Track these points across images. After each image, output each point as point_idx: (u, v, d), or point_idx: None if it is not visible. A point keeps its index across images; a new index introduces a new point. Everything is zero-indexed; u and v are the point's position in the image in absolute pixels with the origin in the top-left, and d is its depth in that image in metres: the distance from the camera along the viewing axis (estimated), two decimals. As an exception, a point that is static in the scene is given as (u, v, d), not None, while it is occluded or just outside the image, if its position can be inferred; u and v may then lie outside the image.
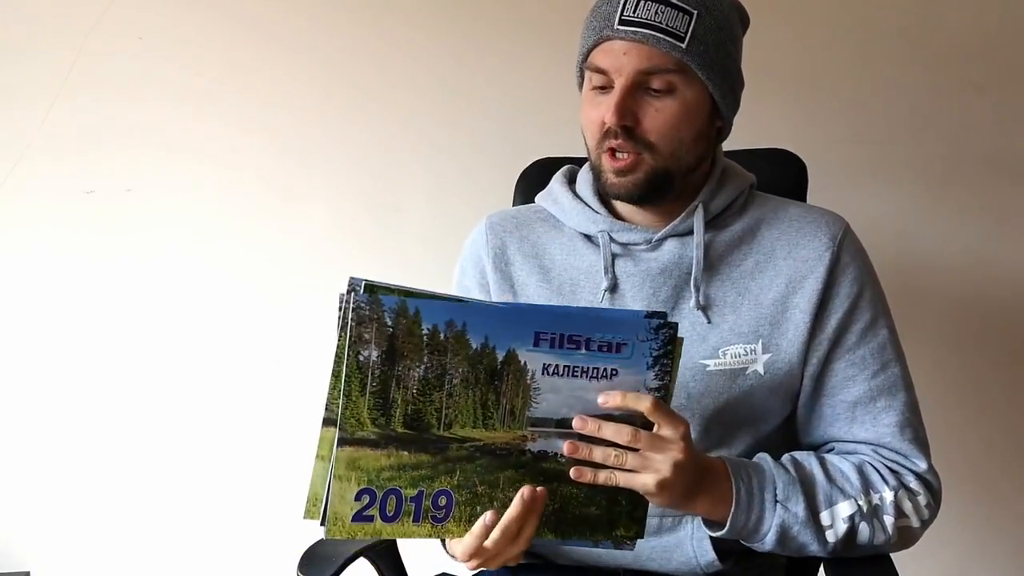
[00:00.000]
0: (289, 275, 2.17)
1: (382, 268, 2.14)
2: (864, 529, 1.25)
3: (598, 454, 1.08)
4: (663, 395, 1.10)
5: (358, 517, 1.02)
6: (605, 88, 1.27)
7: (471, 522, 1.07)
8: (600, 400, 1.07)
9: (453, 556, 1.20)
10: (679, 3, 1.24)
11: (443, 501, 1.05)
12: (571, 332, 1.05)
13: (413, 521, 1.04)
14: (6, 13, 2.13)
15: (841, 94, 2.10)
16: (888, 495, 1.27)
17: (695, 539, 1.33)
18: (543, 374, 1.05)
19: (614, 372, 1.07)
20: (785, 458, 1.29)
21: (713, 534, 1.24)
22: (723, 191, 1.36)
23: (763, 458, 1.28)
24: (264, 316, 2.18)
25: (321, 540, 1.37)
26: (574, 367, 1.06)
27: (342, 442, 1.00)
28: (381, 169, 2.16)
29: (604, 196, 1.38)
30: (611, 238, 1.35)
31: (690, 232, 1.33)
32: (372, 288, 1.01)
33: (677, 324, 1.10)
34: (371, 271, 2.13)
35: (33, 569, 2.21)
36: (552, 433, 1.07)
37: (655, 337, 1.09)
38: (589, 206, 1.39)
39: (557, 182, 1.45)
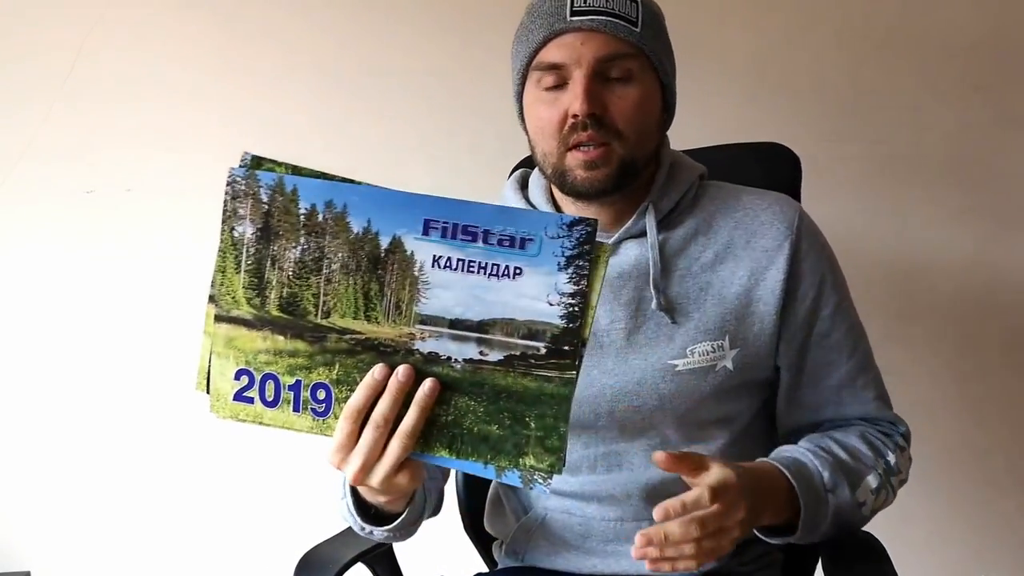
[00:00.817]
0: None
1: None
2: (884, 495, 1.29)
3: (671, 552, 1.04)
4: (580, 303, 0.98)
5: (239, 396, 0.99)
6: (559, 86, 1.25)
7: None
8: (657, 515, 1.03)
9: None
10: None
11: (322, 395, 0.98)
12: (466, 223, 0.96)
13: (293, 410, 0.99)
14: (6, 13, 2.13)
15: (841, 94, 2.09)
16: (892, 457, 1.31)
17: None
18: (433, 266, 0.97)
19: (518, 271, 0.97)
20: (808, 445, 1.28)
21: (777, 540, 1.24)
22: (672, 187, 1.34)
23: (796, 451, 1.27)
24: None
25: (317, 546, 1.37)
26: (469, 261, 0.96)
27: (219, 318, 0.98)
28: (380, 168, 2.16)
29: (556, 201, 1.37)
30: None
31: (644, 233, 1.32)
32: (259, 162, 0.98)
33: (596, 222, 0.98)
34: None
35: (33, 569, 2.22)
36: (445, 334, 0.97)
37: (567, 234, 0.97)
38: None
39: (510, 189, 1.44)
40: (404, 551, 1.53)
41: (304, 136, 2.15)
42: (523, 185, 1.44)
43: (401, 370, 0.97)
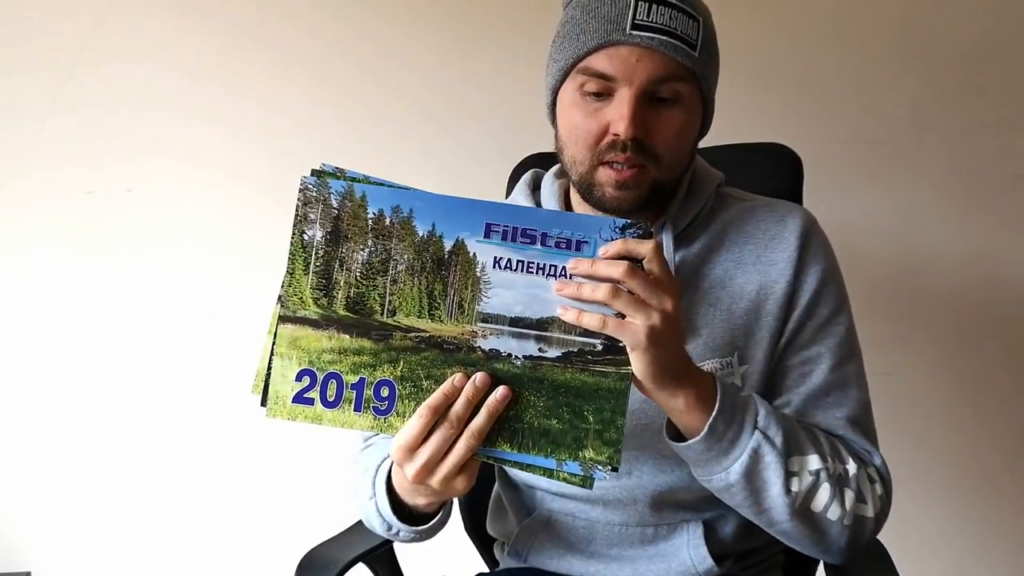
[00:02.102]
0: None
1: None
2: (824, 492, 1.15)
3: (586, 292, 1.00)
4: None
5: (298, 398, 1.02)
6: (601, 95, 1.19)
7: None
8: (600, 251, 1.00)
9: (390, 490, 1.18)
10: (688, 8, 1.19)
11: (385, 392, 1.02)
12: (525, 226, 1.02)
13: (354, 409, 1.02)
14: (7, 16, 2.14)
15: (841, 94, 2.10)
16: (852, 468, 1.19)
17: (691, 546, 1.31)
18: (494, 267, 1.02)
19: None
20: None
21: (681, 444, 1.12)
22: (691, 201, 1.31)
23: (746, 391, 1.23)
24: (260, 319, 2.16)
25: (318, 546, 1.37)
26: (528, 262, 1.02)
27: (284, 319, 1.02)
28: (381, 171, 2.15)
29: (570, 207, 1.34)
30: None
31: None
32: (322, 173, 1.03)
33: (648, 226, 1.03)
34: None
35: (34, 569, 2.22)
36: (506, 331, 1.02)
37: (620, 236, 1.02)
38: None
39: (521, 194, 1.40)
40: (405, 552, 1.53)
41: (303, 139, 2.16)
42: (534, 188, 1.41)
43: (479, 377, 1.01)
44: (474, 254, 1.02)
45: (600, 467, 1.03)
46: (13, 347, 2.19)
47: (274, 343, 1.02)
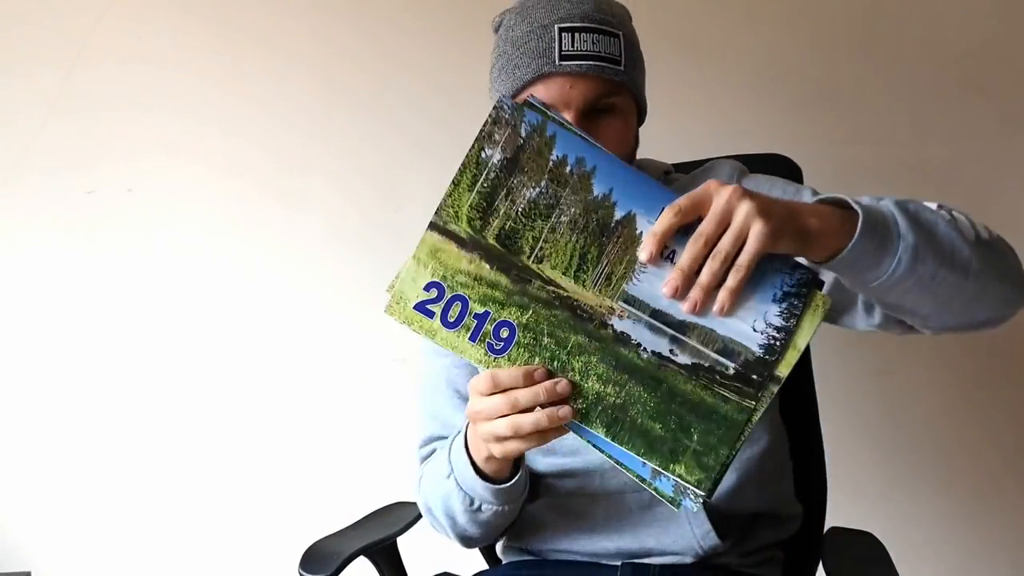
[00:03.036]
0: (287, 276, 2.17)
1: (379, 271, 2.13)
2: (963, 219, 1.11)
3: (704, 279, 0.94)
4: (783, 339, 0.97)
5: (420, 307, 0.99)
6: None
7: None
8: (643, 257, 0.95)
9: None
10: (607, 28, 1.26)
11: (505, 333, 0.99)
12: None
13: (469, 339, 0.99)
14: (7, 16, 2.14)
15: (841, 94, 2.10)
16: (960, 216, 1.13)
17: (690, 512, 1.33)
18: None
19: None
20: None
21: (848, 249, 1.00)
22: None
23: None
24: (262, 317, 2.18)
25: (321, 539, 1.37)
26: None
27: (432, 226, 0.99)
28: (379, 172, 2.16)
29: None
30: None
31: None
32: (531, 105, 1.01)
33: (818, 275, 0.97)
34: (367, 274, 2.13)
35: (34, 569, 2.22)
36: (643, 320, 0.97)
37: (790, 271, 0.97)
38: None
39: None
40: (407, 547, 1.53)
41: (303, 139, 2.16)
42: None
43: (562, 383, 0.98)
44: (641, 233, 0.97)
45: (693, 493, 0.98)
46: (13, 347, 2.19)
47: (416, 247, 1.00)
